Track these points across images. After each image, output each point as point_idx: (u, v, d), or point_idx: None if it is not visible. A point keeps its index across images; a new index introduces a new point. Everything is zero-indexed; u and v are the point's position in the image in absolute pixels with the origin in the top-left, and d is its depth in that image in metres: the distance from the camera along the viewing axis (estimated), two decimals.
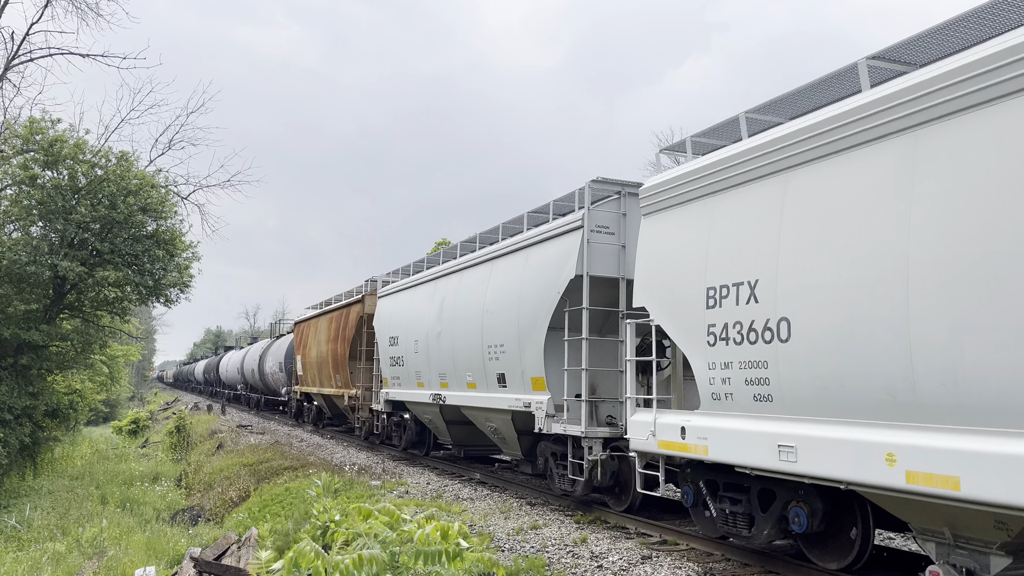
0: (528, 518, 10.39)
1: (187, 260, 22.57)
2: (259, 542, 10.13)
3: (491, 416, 12.42)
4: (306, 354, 25.62)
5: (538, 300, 10.73)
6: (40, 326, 20.00)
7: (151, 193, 20.88)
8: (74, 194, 20.07)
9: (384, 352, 17.16)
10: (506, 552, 8.47)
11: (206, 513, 17.40)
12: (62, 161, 19.97)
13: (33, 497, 19.19)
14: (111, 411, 54.28)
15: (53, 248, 19.75)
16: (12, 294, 19.96)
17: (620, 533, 9.35)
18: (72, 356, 22.61)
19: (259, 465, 18.59)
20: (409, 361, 15.58)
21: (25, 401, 19.85)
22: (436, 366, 14.27)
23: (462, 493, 12.69)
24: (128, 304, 23.09)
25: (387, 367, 16.98)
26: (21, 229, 20.87)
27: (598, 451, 9.85)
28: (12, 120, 21.38)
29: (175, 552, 12.37)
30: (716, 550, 8.21)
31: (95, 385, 29.21)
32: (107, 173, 20.29)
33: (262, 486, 16.43)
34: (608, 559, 8.01)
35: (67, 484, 21.27)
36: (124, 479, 22.29)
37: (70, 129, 20.85)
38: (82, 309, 22.98)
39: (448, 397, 13.74)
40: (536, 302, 10.79)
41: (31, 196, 19.97)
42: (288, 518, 11.69)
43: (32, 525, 15.71)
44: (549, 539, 9.05)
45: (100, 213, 19.88)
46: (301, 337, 27.00)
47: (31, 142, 20.03)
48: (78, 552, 12.76)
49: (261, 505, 14.33)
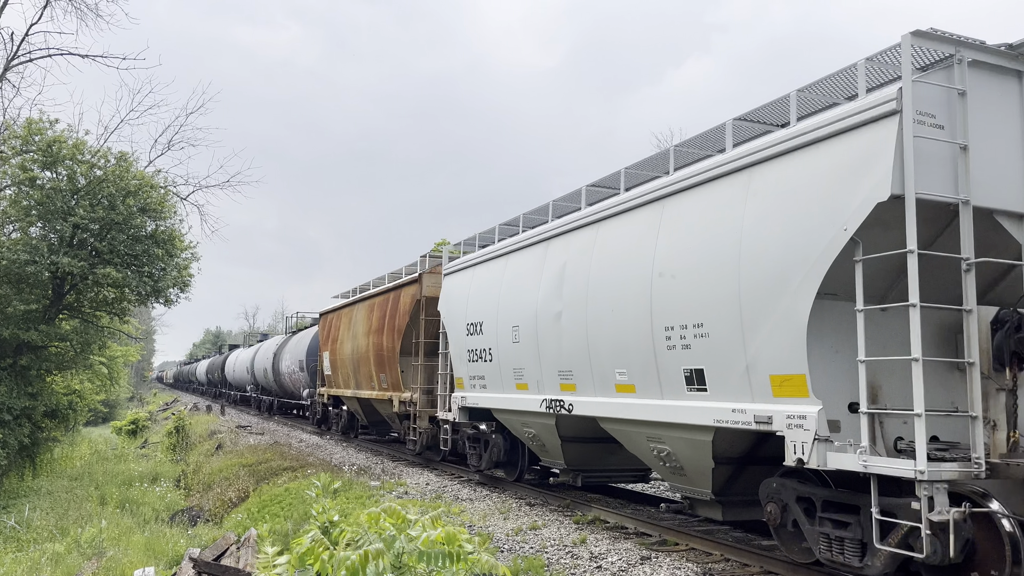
0: (527, 518, 10.40)
1: (186, 260, 22.59)
2: (258, 542, 10.13)
3: (665, 435, 8.42)
4: (336, 350, 21.59)
5: (793, 247, 6.55)
6: (39, 326, 20.00)
7: (150, 193, 20.90)
8: (73, 195, 20.08)
9: (459, 344, 13.33)
10: (505, 553, 8.47)
11: (205, 514, 17.39)
12: (61, 162, 19.99)
13: (32, 498, 19.19)
14: (110, 411, 54.31)
15: (52, 248, 19.75)
16: (11, 294, 19.97)
17: (619, 533, 9.35)
18: (71, 356, 22.62)
19: (258, 466, 18.59)
20: (502, 355, 11.72)
21: (24, 402, 19.85)
22: (553, 361, 10.34)
23: (461, 494, 12.69)
24: (127, 304, 23.10)
25: (463, 363, 13.14)
26: (20, 230, 20.87)
27: (944, 506, 5.50)
28: (11, 121, 21.40)
29: (174, 553, 12.37)
30: (715, 550, 8.21)
31: (94, 386, 29.21)
32: (106, 174, 20.31)
33: (261, 487, 16.43)
34: (607, 559, 8.01)
35: (66, 485, 21.27)
36: (123, 480, 22.29)
37: (69, 130, 20.90)
38: (81, 309, 22.99)
39: (577, 405, 9.84)
40: (788, 250, 6.60)
41: (30, 197, 19.99)
42: (287, 518, 11.69)
43: (31, 526, 15.70)
44: (548, 539, 9.05)
45: (99, 214, 19.89)
46: (329, 331, 22.89)
47: (30, 143, 20.04)
48: (77, 553, 12.76)
49: (260, 506, 14.33)
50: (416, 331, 15.70)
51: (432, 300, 15.00)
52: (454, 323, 13.53)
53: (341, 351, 20.95)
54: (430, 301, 15.18)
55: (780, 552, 7.43)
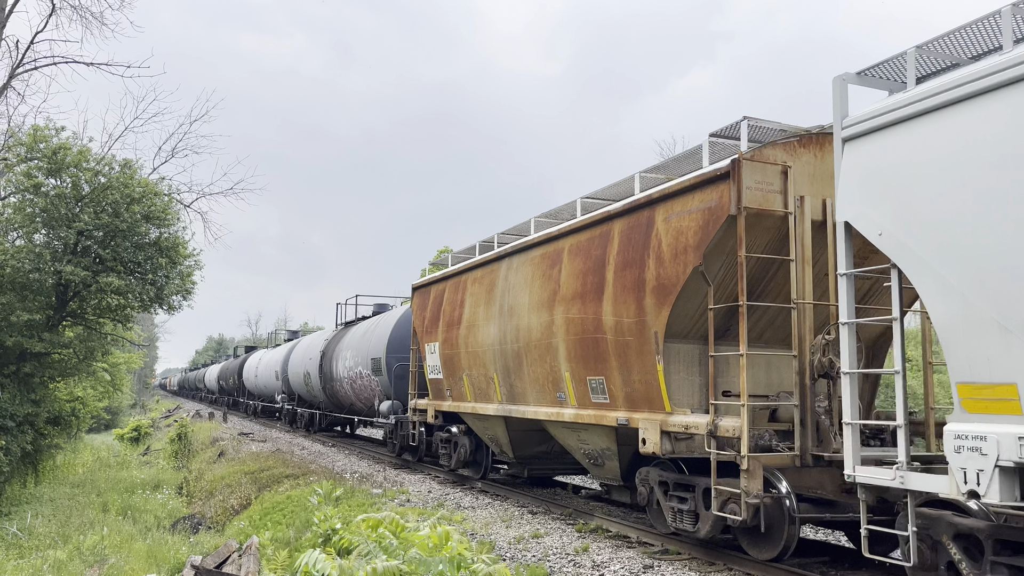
0: (529, 527, 10.38)
1: (189, 268, 22.62)
2: (260, 550, 10.13)
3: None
4: (458, 340, 13.34)
5: None
6: (42, 334, 20.03)
7: (154, 201, 20.95)
8: (77, 202, 20.14)
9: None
10: (507, 561, 8.45)
11: (207, 521, 17.38)
12: (66, 169, 20.05)
13: (34, 504, 19.20)
14: (113, 418, 54.30)
15: (56, 255, 19.81)
16: (15, 302, 20.01)
17: (622, 542, 9.33)
18: (74, 363, 22.64)
19: (260, 473, 18.58)
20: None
21: (27, 408, 19.87)
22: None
23: (463, 501, 12.67)
24: (130, 311, 23.13)
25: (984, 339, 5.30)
26: (24, 237, 20.93)
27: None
28: (16, 128, 21.48)
29: (176, 560, 12.36)
30: (718, 559, 8.20)
31: (97, 392, 29.24)
32: (110, 181, 20.37)
33: (263, 494, 16.41)
34: (610, 568, 7.99)
35: (68, 491, 21.28)
36: (125, 487, 22.29)
37: (74, 137, 20.96)
38: (84, 316, 23.02)
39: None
40: None
41: (34, 204, 20.05)
42: (289, 526, 11.69)
43: (33, 532, 15.70)
44: (551, 548, 9.03)
45: (104, 221, 19.95)
46: (439, 310, 14.35)
47: (35, 150, 20.11)
48: (79, 560, 12.75)
49: (262, 513, 14.32)
50: (722, 285, 8.07)
51: (760, 216, 7.64)
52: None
53: (469, 341, 12.84)
54: (757, 218, 7.64)
55: (783, 564, 7.44)
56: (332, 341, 24.30)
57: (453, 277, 14.01)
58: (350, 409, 22.91)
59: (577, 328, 9.67)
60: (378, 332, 19.47)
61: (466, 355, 13.09)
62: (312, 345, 26.53)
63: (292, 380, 28.81)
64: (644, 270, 8.58)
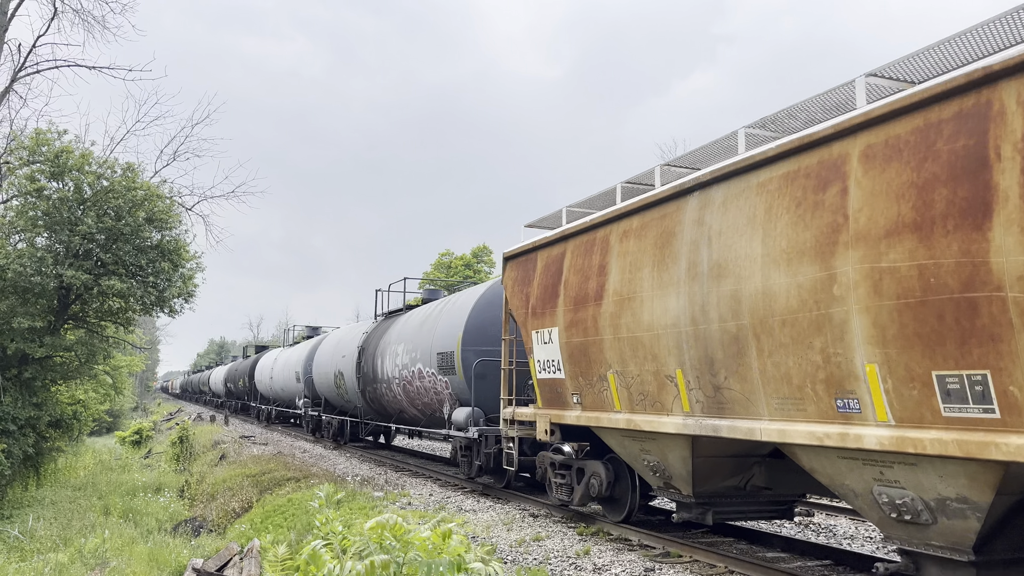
0: (531, 530, 10.37)
1: (191, 271, 22.67)
2: (261, 553, 10.13)
3: None
4: (614, 320, 8.80)
5: None
6: (44, 338, 20.06)
7: (156, 204, 21.00)
8: (79, 205, 20.18)
9: None
10: (508, 564, 8.45)
11: (208, 524, 17.38)
12: (68, 172, 20.11)
13: (36, 508, 19.21)
14: (114, 422, 54.37)
15: (58, 259, 19.84)
16: (17, 305, 20.04)
17: (623, 545, 9.33)
18: (76, 367, 22.68)
19: (262, 476, 18.58)
20: None
21: (29, 412, 19.90)
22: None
23: (465, 504, 12.67)
24: (132, 314, 23.16)
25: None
26: (26, 240, 20.98)
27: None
28: (19, 132, 21.55)
29: (177, 563, 12.37)
30: (720, 562, 8.18)
31: (99, 395, 29.27)
32: (112, 184, 20.42)
33: (265, 497, 16.41)
34: (611, 571, 7.99)
35: (70, 495, 21.29)
36: (127, 490, 22.30)
37: (76, 140, 21.03)
38: (86, 320, 23.07)
39: None
40: None
41: (37, 207, 20.10)
42: (290, 529, 11.69)
43: (35, 536, 15.71)
44: (552, 551, 9.03)
45: (106, 224, 19.99)
46: (567, 280, 9.93)
47: (37, 153, 20.17)
48: (80, 563, 12.76)
49: (263, 516, 14.31)
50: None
51: None
52: None
53: (621, 323, 8.73)
54: None
55: (785, 564, 7.41)
56: (374, 334, 19.68)
57: (581, 235, 9.76)
58: (399, 417, 18.51)
59: (910, 285, 5.37)
60: (448, 319, 14.90)
61: (614, 343, 8.77)
62: (346, 340, 21.90)
63: (318, 382, 24.41)
64: None
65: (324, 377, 23.52)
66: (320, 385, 24.32)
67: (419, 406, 16.42)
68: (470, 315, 14.06)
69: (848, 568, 8.10)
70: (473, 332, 13.93)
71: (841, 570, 8.06)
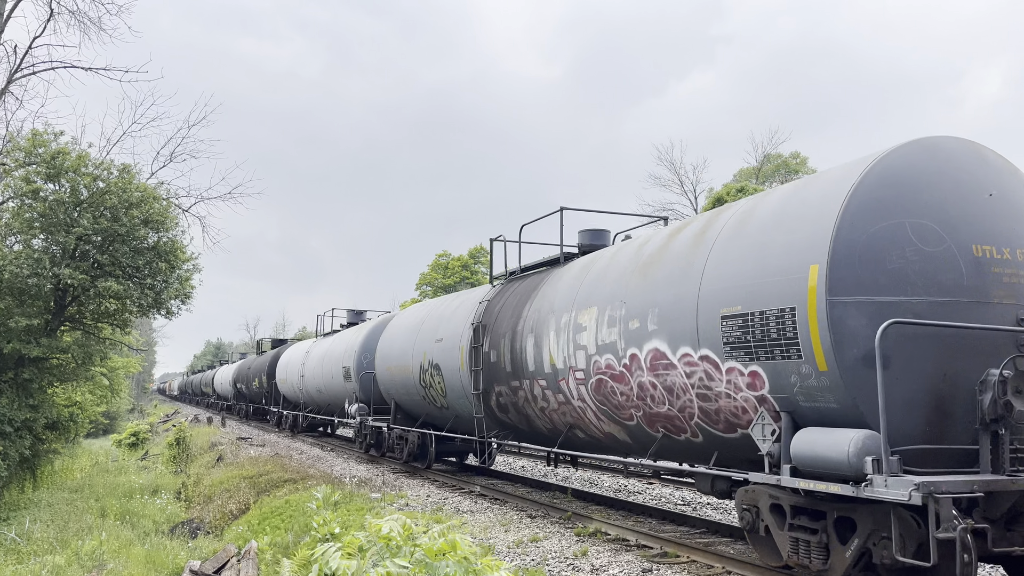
0: (528, 531, 10.38)
1: (188, 272, 22.63)
2: (259, 555, 10.12)
3: None
4: None
5: None
6: (41, 339, 20.02)
7: (153, 205, 20.96)
8: (76, 207, 20.15)
9: None
10: (507, 565, 8.46)
11: (206, 526, 17.36)
12: (64, 174, 20.06)
13: (33, 510, 19.17)
14: (111, 423, 54.29)
15: (55, 260, 19.80)
16: (13, 307, 20.00)
17: (621, 546, 9.34)
18: (72, 368, 22.63)
19: (259, 477, 18.56)
20: None
21: (25, 414, 19.85)
22: None
23: (462, 506, 12.67)
24: (129, 316, 23.12)
25: None
26: (23, 242, 20.94)
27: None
28: (15, 133, 21.52)
29: (175, 565, 12.35)
30: (717, 563, 8.20)
31: (95, 397, 29.20)
32: (109, 185, 20.39)
33: (262, 499, 16.40)
34: (608, 572, 8.00)
35: (67, 497, 21.24)
36: (124, 492, 22.26)
37: (72, 142, 20.98)
38: (83, 321, 23.02)
39: None
40: None
41: (33, 209, 20.06)
42: (288, 530, 11.68)
43: (32, 538, 15.67)
44: (549, 552, 9.03)
45: (102, 225, 19.95)
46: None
47: (33, 155, 20.12)
48: (77, 565, 12.73)
49: (261, 518, 14.30)
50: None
51: None
52: None
53: None
54: None
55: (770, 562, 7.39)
56: (506, 302, 12.57)
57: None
58: (570, 437, 10.76)
59: None
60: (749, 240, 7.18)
61: None
62: (444, 316, 15.04)
63: (386, 380, 17.59)
64: None
65: (400, 373, 16.68)
66: (390, 384, 17.39)
67: (664, 421, 8.34)
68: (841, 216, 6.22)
69: None
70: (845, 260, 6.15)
71: None
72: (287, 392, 29.20)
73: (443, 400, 14.70)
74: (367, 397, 19.29)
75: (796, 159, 48.17)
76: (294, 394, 28.15)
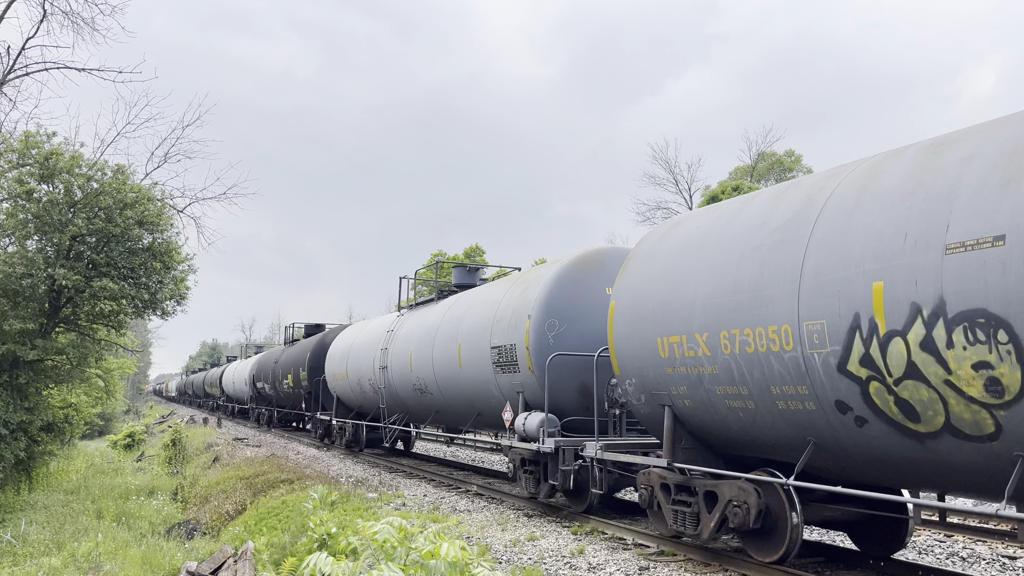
0: (525, 530, 10.39)
1: (183, 273, 22.59)
2: (255, 555, 10.11)
3: None
4: None
5: None
6: (36, 341, 19.97)
7: (147, 206, 20.93)
8: (70, 207, 20.10)
9: None
10: (503, 564, 8.46)
11: (202, 527, 17.33)
12: (58, 174, 20.02)
13: (28, 512, 19.12)
14: (106, 425, 54.16)
15: (49, 261, 19.75)
16: (7, 308, 19.94)
17: (617, 544, 9.35)
18: (68, 370, 22.57)
19: (255, 478, 18.54)
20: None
21: (20, 415, 19.80)
22: None
23: (459, 505, 12.68)
24: (124, 317, 23.07)
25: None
26: (17, 243, 20.88)
27: None
28: (8, 134, 21.43)
29: (171, 566, 12.32)
30: (713, 561, 8.22)
31: (90, 399, 29.13)
32: (103, 186, 20.35)
33: (258, 499, 16.38)
34: (605, 570, 8.01)
35: (62, 498, 21.19)
36: (120, 493, 22.20)
37: (65, 143, 20.93)
38: (78, 323, 22.96)
39: None
40: None
41: (27, 210, 20.00)
42: (285, 531, 11.67)
43: (27, 540, 15.63)
44: (546, 550, 9.04)
45: (97, 226, 19.91)
46: None
47: (27, 156, 20.07)
48: (74, 567, 12.71)
49: (257, 518, 14.28)
50: None
51: None
52: None
53: None
54: None
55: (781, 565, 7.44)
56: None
57: None
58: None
59: None
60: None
61: None
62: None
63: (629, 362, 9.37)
64: None
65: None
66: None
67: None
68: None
69: (842, 565, 8.15)
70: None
71: (833, 567, 8.10)
72: (342, 394, 21.91)
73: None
74: (587, 402, 13.25)
75: (791, 157, 48.20)
76: (351, 394, 21.10)
